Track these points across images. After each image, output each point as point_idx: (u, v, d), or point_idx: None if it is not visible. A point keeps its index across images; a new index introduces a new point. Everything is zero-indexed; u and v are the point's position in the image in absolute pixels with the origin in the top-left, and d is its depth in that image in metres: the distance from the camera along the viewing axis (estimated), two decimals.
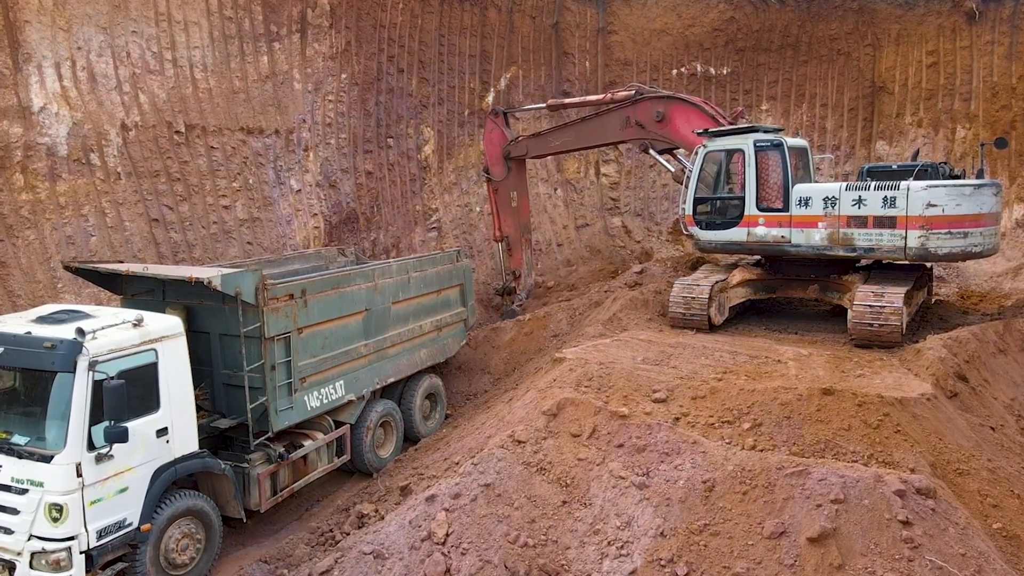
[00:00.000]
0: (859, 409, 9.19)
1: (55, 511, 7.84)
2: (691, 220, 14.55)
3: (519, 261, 18.79)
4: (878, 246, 12.72)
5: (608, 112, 16.82)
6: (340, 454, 11.63)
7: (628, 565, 7.75)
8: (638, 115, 16.13)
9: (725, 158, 14.34)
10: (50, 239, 13.99)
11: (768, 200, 13.76)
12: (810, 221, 13.24)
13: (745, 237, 13.91)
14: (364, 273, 12.23)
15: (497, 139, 18.46)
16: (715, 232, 14.30)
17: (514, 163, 18.44)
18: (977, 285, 18.60)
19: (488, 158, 18.72)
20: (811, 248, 13.36)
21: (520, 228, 18.73)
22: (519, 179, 18.72)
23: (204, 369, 10.03)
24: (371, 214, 19.42)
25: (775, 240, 13.63)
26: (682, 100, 15.91)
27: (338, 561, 8.36)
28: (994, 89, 20.62)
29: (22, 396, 8.54)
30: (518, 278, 18.84)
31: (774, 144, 13.74)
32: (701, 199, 14.48)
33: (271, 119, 17.58)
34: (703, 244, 14.70)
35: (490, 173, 18.60)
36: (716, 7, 22.79)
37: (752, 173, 13.76)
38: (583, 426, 9.33)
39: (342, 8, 18.77)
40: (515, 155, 18.29)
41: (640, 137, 16.38)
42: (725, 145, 14.27)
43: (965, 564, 7.17)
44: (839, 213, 12.94)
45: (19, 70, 14.05)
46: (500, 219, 18.61)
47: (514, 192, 18.53)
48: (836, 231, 13.01)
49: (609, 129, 16.88)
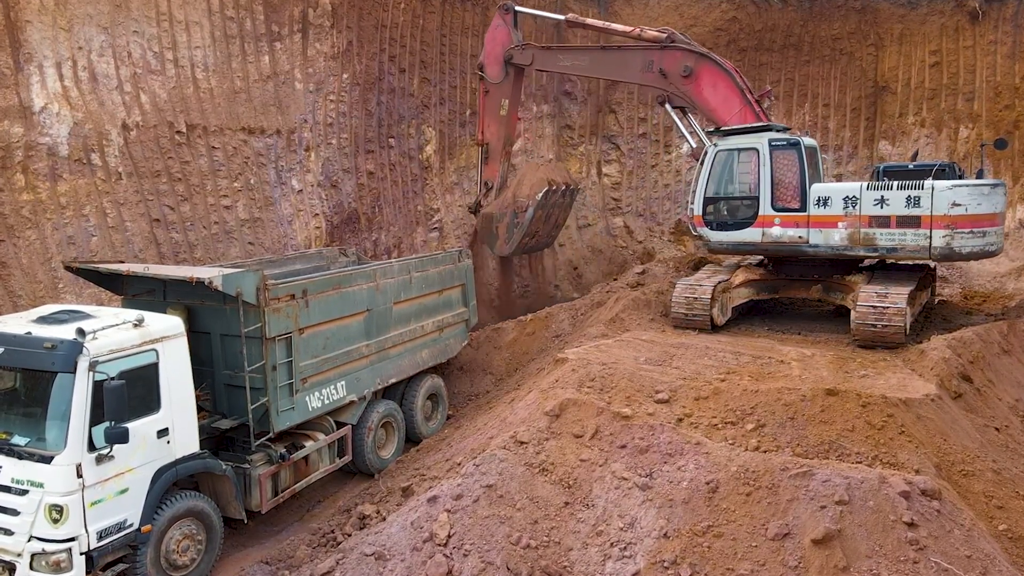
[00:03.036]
0: (863, 410, 9.15)
1: (55, 512, 7.81)
2: (700, 221, 14.26)
3: (494, 171, 17.70)
4: (901, 246, 12.64)
5: (632, 49, 15.82)
6: (341, 455, 11.60)
7: (631, 567, 7.71)
8: (664, 62, 15.21)
9: (738, 157, 14.05)
10: (51, 239, 13.97)
11: (784, 200, 13.54)
12: (829, 221, 13.10)
13: (760, 238, 13.69)
14: (365, 273, 12.21)
15: (501, 38, 17.25)
16: (727, 233, 14.05)
17: (513, 70, 17.25)
18: (980, 285, 18.54)
19: (486, 55, 17.53)
20: (830, 248, 13.22)
21: (503, 139, 17.57)
22: (515, 88, 17.61)
23: (205, 369, 10.01)
24: (372, 214, 19.39)
25: (791, 240, 13.44)
26: (715, 62, 14.97)
27: (339, 562, 8.33)
28: (997, 89, 20.57)
29: (22, 397, 8.51)
30: (490, 191, 17.76)
31: (791, 143, 13.56)
32: (711, 199, 14.19)
33: (272, 119, 17.55)
34: (713, 245, 14.42)
35: (484, 72, 17.42)
36: (718, 7, 22.74)
37: (767, 172, 13.56)
38: (585, 427, 9.30)
39: (343, 8, 18.73)
40: (517, 62, 17.12)
41: (659, 87, 15.49)
42: (738, 144, 14.02)
43: (970, 566, 7.13)
44: (860, 213, 12.83)
45: (20, 70, 14.02)
46: (485, 123, 17.58)
47: (506, 100, 17.32)
48: (857, 231, 12.90)
49: (629, 67, 15.91)
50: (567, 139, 23.35)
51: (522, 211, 16.92)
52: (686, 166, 22.83)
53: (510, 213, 17.06)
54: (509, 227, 17.24)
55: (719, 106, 14.54)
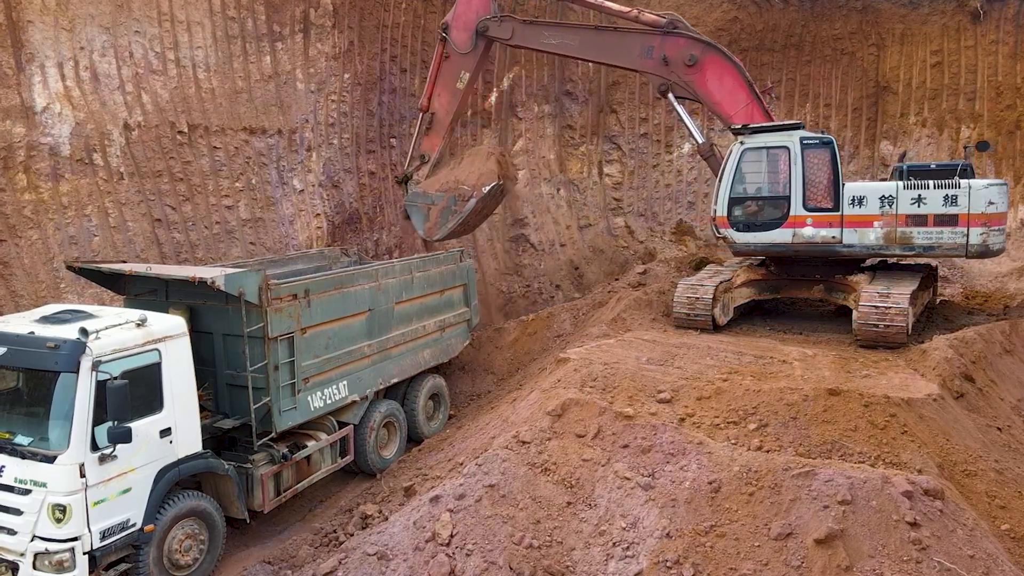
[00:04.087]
0: (866, 410, 9.15)
1: (58, 512, 7.81)
2: (725, 222, 13.76)
3: (434, 145, 16.02)
4: (938, 244, 12.73)
5: (631, 32, 14.76)
6: (343, 455, 11.60)
7: (634, 566, 7.71)
8: (667, 49, 14.32)
9: (766, 156, 13.66)
10: (53, 239, 13.97)
11: (816, 200, 13.30)
12: (865, 221, 13.05)
13: (790, 239, 13.41)
14: (367, 273, 12.21)
15: (477, 5, 15.48)
16: (754, 234, 13.63)
17: (484, 42, 15.50)
18: (982, 285, 18.54)
19: (456, 19, 15.67)
20: (865, 248, 13.20)
21: (452, 113, 15.95)
22: (480, 62, 15.86)
23: (207, 369, 10.01)
24: (374, 214, 19.39)
25: (824, 240, 13.28)
26: (722, 52, 14.28)
27: (342, 562, 8.33)
28: (998, 89, 20.56)
29: (25, 396, 8.51)
30: (424, 164, 16.10)
31: (823, 141, 13.40)
32: (737, 199, 13.73)
33: (274, 119, 17.55)
34: (739, 247, 13.98)
35: (449, 36, 15.50)
36: (720, 7, 22.72)
37: (799, 171, 13.27)
38: (588, 426, 9.30)
39: (345, 8, 18.74)
40: (494, 35, 15.35)
41: (660, 75, 14.52)
42: (767, 142, 13.57)
43: (973, 566, 7.12)
44: (897, 212, 12.85)
45: (22, 70, 14.03)
46: (435, 90, 15.74)
47: (467, 73, 15.50)
48: (893, 230, 12.90)
49: (627, 51, 14.75)
50: (568, 139, 23.33)
51: (463, 199, 15.37)
52: (687, 166, 22.84)
53: (449, 198, 15.50)
54: (444, 212, 15.62)
55: (724, 100, 14.10)
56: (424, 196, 15.89)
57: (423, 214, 15.89)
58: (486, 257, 20.89)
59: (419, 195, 16.02)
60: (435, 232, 15.94)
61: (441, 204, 15.62)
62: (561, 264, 21.89)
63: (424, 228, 16.03)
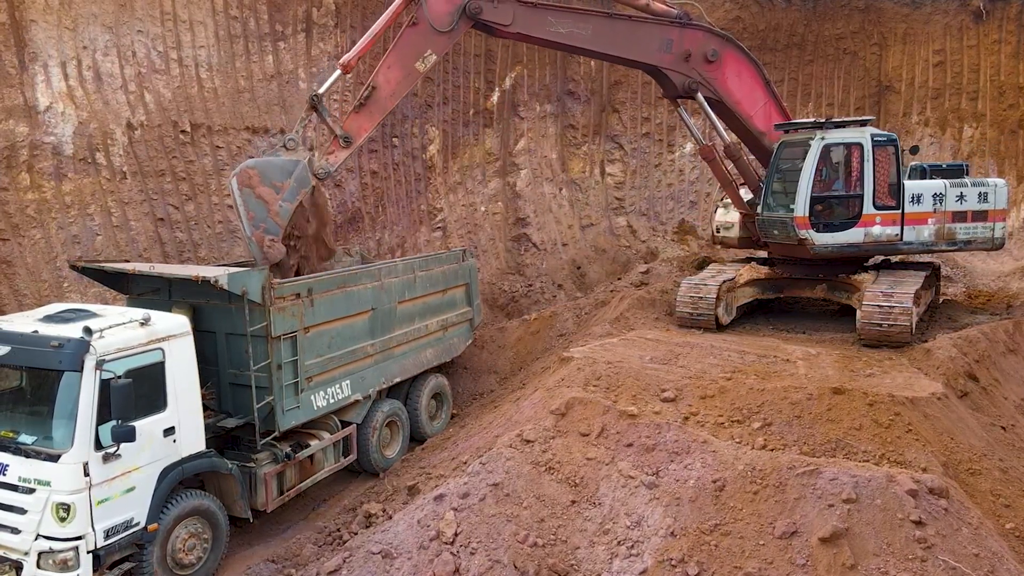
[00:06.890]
0: (870, 408, 9.14)
1: (62, 510, 7.81)
2: (806, 222, 13.08)
3: (363, 128, 12.60)
4: (974, 238, 13.54)
5: (646, 23, 13.44)
6: (346, 454, 11.59)
7: (638, 565, 7.70)
8: (687, 42, 13.30)
9: (842, 152, 13.31)
10: (56, 238, 13.98)
11: (883, 197, 13.25)
12: (921, 218, 13.36)
13: (862, 238, 13.22)
14: (370, 272, 12.20)
15: None
16: (832, 235, 13.23)
17: (465, 25, 12.84)
18: (984, 284, 18.52)
19: None
20: (920, 245, 13.51)
21: (398, 96, 12.86)
22: (451, 44, 13.43)
23: (210, 368, 10.00)
24: (376, 214, 19.38)
25: (888, 239, 13.31)
26: (740, 48, 13.54)
27: (346, 561, 8.33)
28: (1001, 88, 20.56)
29: (29, 395, 8.50)
30: (348, 146, 12.53)
31: (889, 139, 13.33)
32: (819, 198, 13.21)
33: (276, 118, 17.54)
34: (818, 249, 13.29)
35: (426, 6, 12.42)
36: (722, 6, 22.70)
37: (870, 169, 13.05)
38: (592, 425, 9.29)
39: (347, 7, 18.74)
40: (488, 19, 12.74)
41: (679, 71, 13.44)
42: (843, 138, 13.19)
43: (978, 564, 7.12)
44: (946, 209, 13.32)
45: (25, 69, 14.03)
46: (388, 63, 12.53)
47: (433, 56, 12.65)
48: (943, 226, 13.36)
49: (643, 44, 13.41)
50: (570, 138, 23.32)
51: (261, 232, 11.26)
52: (689, 165, 22.84)
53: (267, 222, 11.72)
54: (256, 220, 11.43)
55: (744, 98, 13.62)
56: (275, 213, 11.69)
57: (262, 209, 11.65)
58: (488, 256, 20.88)
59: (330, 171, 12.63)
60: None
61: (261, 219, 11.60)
62: (563, 264, 21.87)
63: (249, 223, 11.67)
